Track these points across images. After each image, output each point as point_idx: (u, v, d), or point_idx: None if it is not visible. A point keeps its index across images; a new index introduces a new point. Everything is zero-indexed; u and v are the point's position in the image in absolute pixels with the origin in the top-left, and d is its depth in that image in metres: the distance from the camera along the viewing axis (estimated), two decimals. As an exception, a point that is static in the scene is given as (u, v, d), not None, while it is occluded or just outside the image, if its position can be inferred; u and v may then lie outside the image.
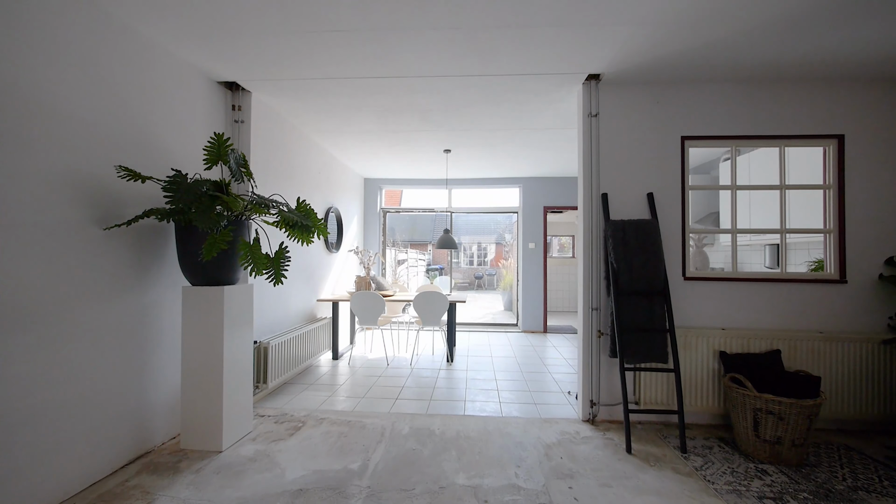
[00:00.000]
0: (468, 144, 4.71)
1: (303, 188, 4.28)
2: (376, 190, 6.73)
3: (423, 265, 15.21)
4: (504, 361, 4.70)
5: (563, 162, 5.53)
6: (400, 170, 6.13)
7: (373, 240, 6.70)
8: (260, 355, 3.28)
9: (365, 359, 4.79)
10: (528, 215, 6.56)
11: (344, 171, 5.70)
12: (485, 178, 6.60)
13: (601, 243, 2.97)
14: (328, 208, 4.99)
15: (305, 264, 4.37)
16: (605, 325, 2.97)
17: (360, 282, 4.85)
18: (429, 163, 5.63)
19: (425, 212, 6.94)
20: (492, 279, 17.92)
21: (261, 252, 2.33)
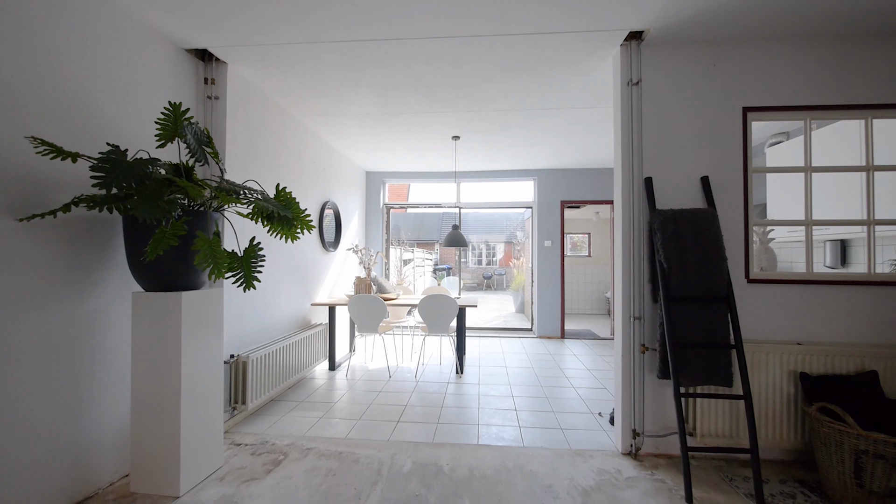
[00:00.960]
0: (479, 130, 4.20)
1: (294, 180, 3.80)
2: (379, 184, 6.25)
3: (430, 265, 14.72)
4: (520, 373, 4.18)
5: (584, 150, 4.98)
6: (404, 162, 5.64)
7: (375, 238, 6.22)
8: (237, 372, 2.81)
9: (365, 369, 4.31)
10: (544, 210, 6.02)
11: (343, 162, 5.23)
12: (496, 171, 6.08)
13: (644, 238, 2.45)
14: (324, 203, 4.51)
15: (297, 264, 3.90)
16: (651, 339, 2.44)
17: (359, 284, 4.37)
18: (436, 153, 5.13)
19: (432, 207, 6.44)
20: (501, 279, 17.39)
21: (221, 248, 1.84)
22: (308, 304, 4.13)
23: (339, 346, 4.68)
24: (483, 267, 18.38)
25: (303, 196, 3.99)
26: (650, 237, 2.42)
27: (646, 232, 2.45)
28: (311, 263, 4.21)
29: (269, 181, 3.31)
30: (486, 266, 18.71)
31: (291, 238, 2.37)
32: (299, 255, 3.94)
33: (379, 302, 3.96)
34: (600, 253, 8.99)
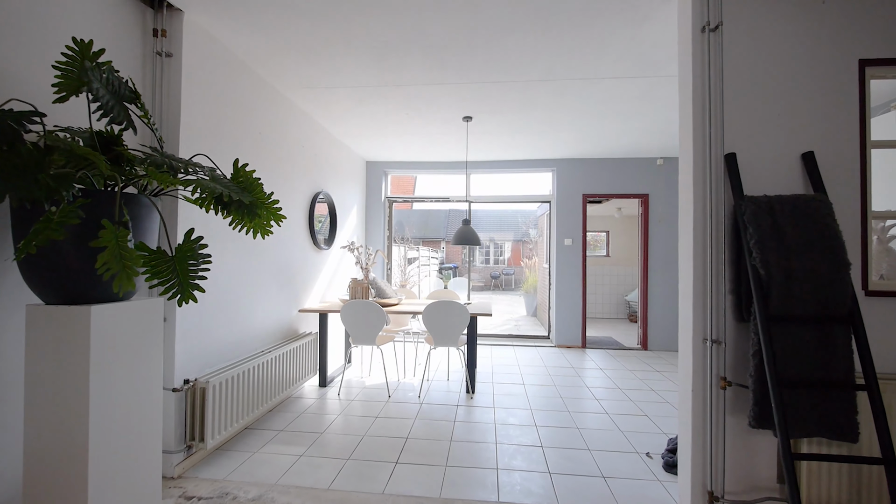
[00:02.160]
0: (495, 108, 3.59)
1: (276, 166, 3.23)
2: (381, 175, 5.66)
3: (436, 264, 14.14)
4: (541, 393, 3.58)
5: (613, 135, 4.35)
6: (409, 150, 5.05)
7: (376, 234, 5.63)
8: (194, 401, 2.23)
9: (361, 385, 3.73)
10: (564, 205, 5.40)
11: (340, 149, 4.64)
12: (511, 161, 5.46)
13: (725, 234, 1.83)
14: (315, 194, 3.93)
15: (282, 265, 3.32)
16: (735, 370, 1.83)
17: (355, 287, 3.78)
18: (444, 138, 4.52)
19: (439, 201, 5.84)
20: (510, 279, 16.78)
21: (128, 245, 1.26)
22: (295, 311, 3.56)
23: (332, 358, 4.11)
24: (490, 266, 17.78)
25: (287, 185, 3.41)
26: (734, 233, 1.81)
27: (727, 226, 1.83)
28: (299, 263, 3.64)
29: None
30: (493, 265, 18.11)
31: (262, 232, 1.80)
32: (284, 254, 3.37)
33: (376, 309, 3.37)
34: (620, 253, 8.34)
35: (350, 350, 4.04)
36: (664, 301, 5.22)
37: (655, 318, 5.24)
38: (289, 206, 3.42)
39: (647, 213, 5.26)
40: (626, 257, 8.32)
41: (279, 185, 3.26)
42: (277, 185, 3.23)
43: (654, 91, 3.17)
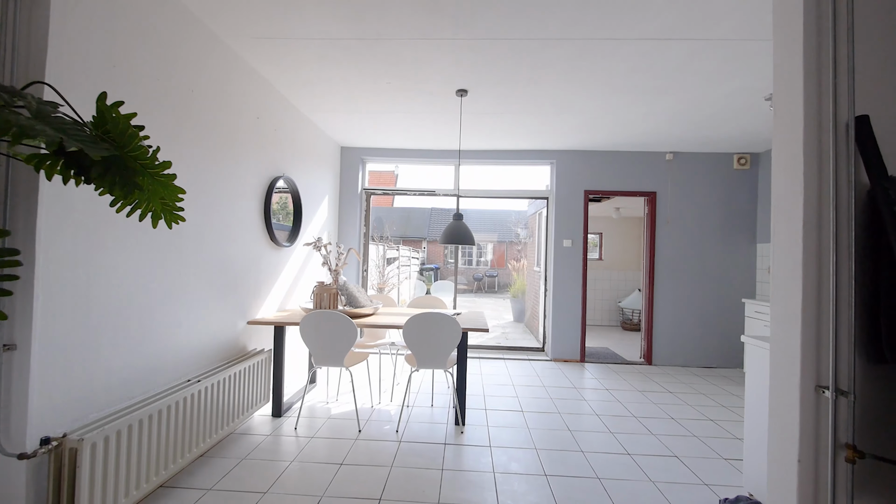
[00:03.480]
0: (497, 79, 2.96)
1: (219, 138, 2.51)
2: (357, 163, 4.95)
3: (417, 265, 13.45)
4: (544, 423, 2.98)
5: (625, 122, 3.80)
6: (389, 134, 4.37)
7: (350, 231, 4.92)
8: (57, 470, 1.50)
9: (326, 414, 3.04)
10: (563, 202, 4.83)
11: (308, 129, 3.92)
12: (505, 151, 4.86)
13: (853, 231, 1.25)
14: (274, 179, 3.21)
15: (222, 265, 2.60)
16: (870, 434, 1.25)
17: (320, 293, 3.08)
18: (431, 117, 3.87)
19: (423, 194, 5.18)
20: (493, 281, 16.25)
21: None
22: (242, 323, 2.84)
23: (292, 378, 3.40)
24: (473, 268, 17.21)
25: (232, 164, 2.69)
26: (869, 231, 1.23)
27: (860, 220, 1.25)
28: (249, 263, 2.91)
29: (162, 128, 2.01)
30: (476, 266, 17.55)
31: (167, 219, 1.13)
32: (229, 252, 2.64)
33: (345, 322, 2.69)
34: (613, 256, 7.88)
35: (314, 369, 3.34)
36: (672, 311, 4.72)
37: (662, 329, 4.73)
38: (235, 191, 2.70)
39: (654, 212, 4.75)
40: (621, 261, 7.86)
41: (220, 163, 2.54)
42: (217, 163, 2.51)
43: (693, 61, 2.60)
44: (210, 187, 2.45)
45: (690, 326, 4.71)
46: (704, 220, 4.71)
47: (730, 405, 3.48)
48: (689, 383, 4.06)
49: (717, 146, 4.51)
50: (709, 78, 2.82)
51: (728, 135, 4.11)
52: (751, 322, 3.95)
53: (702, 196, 4.71)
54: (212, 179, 2.46)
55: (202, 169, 2.36)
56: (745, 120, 3.66)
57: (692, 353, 4.71)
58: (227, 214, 2.63)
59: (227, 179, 2.62)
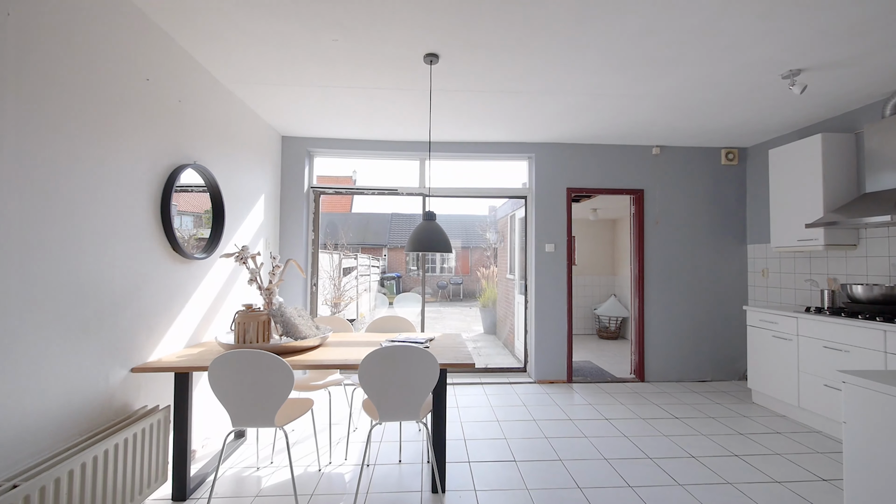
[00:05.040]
0: (476, 41, 2.31)
1: (94, 111, 1.65)
2: (302, 157, 4.13)
3: (378, 273, 12.56)
4: (547, 478, 2.32)
5: (625, 103, 3.28)
6: (342, 121, 3.60)
7: (295, 237, 4.07)
8: None
9: (255, 489, 2.20)
10: (544, 201, 4.27)
11: (232, 107, 3.07)
12: (477, 144, 4.23)
13: None
14: (178, 168, 2.35)
15: (85, 288, 1.73)
16: None
17: (244, 322, 2.26)
18: (394, 97, 3.15)
19: (383, 193, 4.42)
20: (458, 289, 15.64)
21: None
22: (123, 372, 1.96)
23: (209, 431, 2.53)
24: (437, 275, 16.53)
25: (107, 143, 1.83)
26: None
27: None
28: (134, 284, 2.04)
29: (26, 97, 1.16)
30: (440, 274, 16.88)
31: None
32: (97, 268, 1.78)
33: (275, 368, 1.89)
34: (587, 260, 7.49)
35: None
36: (664, 321, 4.28)
37: (654, 341, 4.27)
38: (113, 183, 1.85)
39: (642, 212, 4.30)
40: (595, 265, 7.49)
41: (87, 143, 1.68)
42: (80, 142, 1.65)
43: (722, 19, 2.09)
44: (64, 177, 1.59)
45: (683, 337, 4.29)
46: (693, 219, 4.32)
47: (747, 432, 3.00)
48: (691, 404, 3.59)
49: (705, 139, 4.14)
50: (730, 45, 2.32)
51: (718, 126, 3.73)
52: (755, 332, 3.55)
53: (690, 194, 4.33)
54: (69, 165, 1.61)
55: (51, 149, 1.51)
56: (741, 107, 3.26)
57: (686, 366, 4.28)
58: (98, 215, 1.77)
59: (98, 166, 1.77)
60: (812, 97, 3.08)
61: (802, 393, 3.12)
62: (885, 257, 3.06)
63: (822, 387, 2.96)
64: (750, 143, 4.28)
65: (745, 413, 3.39)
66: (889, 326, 2.54)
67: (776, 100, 3.12)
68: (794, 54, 2.43)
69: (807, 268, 3.68)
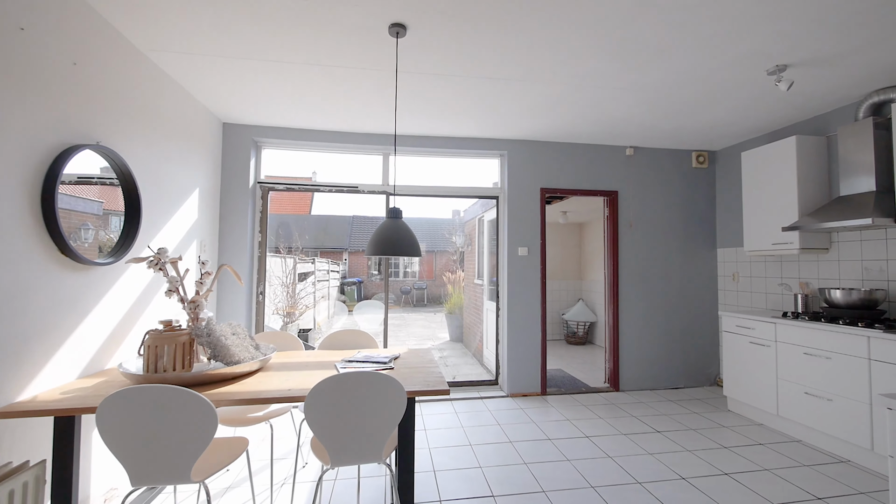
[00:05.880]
0: (450, 10, 1.98)
1: None
2: (248, 147, 3.62)
3: (337, 279, 11.92)
4: (532, 520, 2.01)
5: (605, 96, 3.08)
6: (294, 103, 3.15)
7: (237, 239, 3.55)
8: None
9: (167, 561, 1.72)
10: (517, 202, 4.01)
11: (154, 82, 2.55)
12: (445, 139, 3.91)
13: None
14: (68, 149, 1.83)
15: None
16: None
17: (156, 346, 1.77)
18: (355, 74, 2.76)
19: (342, 190, 3.97)
20: (422, 294, 15.24)
21: None
22: (-30, 421, 1.43)
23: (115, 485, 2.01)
24: (401, 280, 16.04)
25: None
26: None
27: None
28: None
29: None
30: (403, 279, 16.41)
31: None
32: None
33: (192, 405, 1.44)
34: (554, 264, 7.36)
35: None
36: (638, 327, 4.13)
37: (628, 348, 4.11)
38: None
39: (616, 214, 4.14)
40: (562, 269, 7.38)
41: None
42: None
43: None
44: None
45: (657, 343, 4.16)
46: (666, 223, 4.23)
47: (731, 446, 2.85)
48: (669, 415, 3.43)
49: (677, 141, 4.06)
50: (724, 31, 2.14)
51: (692, 127, 3.64)
52: (731, 338, 3.45)
53: (662, 196, 4.23)
54: None
55: None
56: (720, 106, 3.16)
57: (659, 373, 4.15)
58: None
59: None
60: (786, 99, 3.02)
61: (781, 401, 3.03)
62: (858, 261, 3.04)
63: (803, 395, 2.87)
64: (719, 147, 4.25)
65: (724, 423, 3.26)
66: (872, 332, 2.46)
67: (754, 99, 3.03)
68: (785, 46, 2.29)
69: (778, 272, 3.65)
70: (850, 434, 2.58)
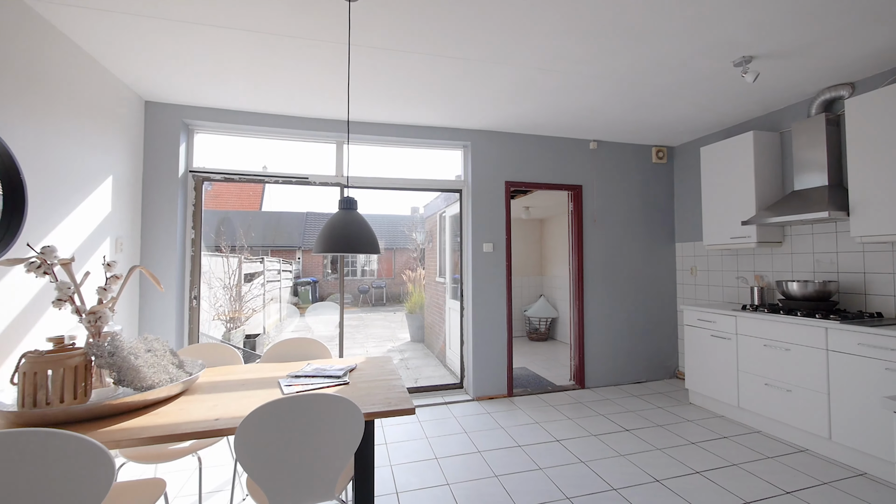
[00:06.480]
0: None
1: None
2: (176, 130, 3.14)
3: (290, 279, 11.24)
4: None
5: (575, 84, 2.94)
6: (230, 77, 2.74)
7: (163, 236, 3.07)
8: None
9: None
10: (482, 196, 3.82)
11: (55, 49, 2.07)
12: (405, 127, 3.64)
13: None
14: None
15: None
16: None
17: (35, 372, 1.37)
18: (300, 45, 2.42)
19: (290, 181, 3.57)
20: (380, 293, 14.81)
21: None
22: None
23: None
24: (358, 279, 15.50)
25: None
26: None
27: None
28: None
29: None
30: (361, 278, 15.87)
31: None
32: None
33: (77, 453, 1.09)
34: (517, 260, 7.29)
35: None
36: (604, 322, 4.09)
37: (594, 345, 4.06)
38: None
39: (581, 209, 4.07)
40: (524, 265, 7.33)
41: None
42: None
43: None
44: None
45: (621, 338, 4.15)
46: (628, 217, 4.22)
47: (697, 441, 2.83)
48: (636, 411, 3.39)
49: (639, 136, 4.05)
50: (704, 16, 2.04)
51: (655, 122, 3.62)
52: (692, 332, 3.47)
53: (625, 191, 4.22)
54: None
55: None
56: (685, 100, 3.14)
57: (623, 368, 4.15)
58: None
59: None
60: (746, 94, 3.04)
61: (742, 393, 3.06)
62: (810, 254, 3.13)
63: (763, 386, 2.91)
64: (677, 143, 4.30)
65: (687, 416, 3.27)
66: (830, 324, 2.51)
67: (717, 93, 3.02)
68: (755, 36, 2.25)
69: (734, 265, 3.73)
70: (809, 424, 2.62)
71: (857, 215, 2.57)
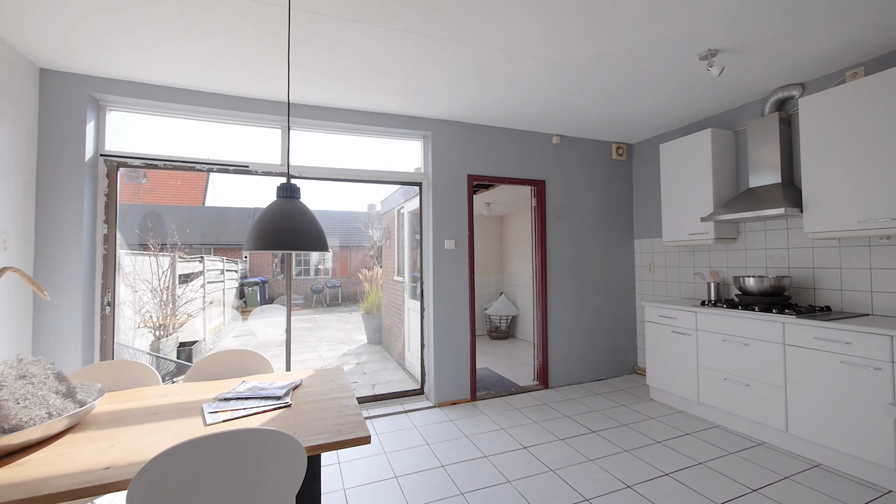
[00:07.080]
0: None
1: None
2: (83, 105, 2.63)
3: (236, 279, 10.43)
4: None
5: (542, 71, 2.78)
6: (155, 49, 2.32)
7: (68, 235, 2.57)
8: None
9: None
10: (443, 190, 3.61)
11: None
12: (358, 113, 3.33)
13: None
14: None
15: None
16: None
17: None
18: (234, 11, 2.06)
19: (228, 169, 3.14)
20: (335, 292, 14.21)
21: None
22: None
23: None
24: (312, 278, 14.77)
25: None
26: None
27: None
28: None
29: None
30: (315, 277, 15.15)
31: None
32: None
33: None
34: (476, 258, 7.16)
35: None
36: (567, 320, 4.03)
37: (557, 343, 3.98)
38: None
39: (544, 204, 3.97)
40: (484, 263, 7.21)
41: None
42: None
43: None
44: None
45: (583, 336, 4.11)
46: (590, 214, 4.19)
47: (663, 440, 2.80)
48: (600, 411, 3.33)
49: (600, 133, 4.02)
50: (680, 1, 1.96)
51: (617, 117, 3.59)
52: (653, 328, 3.47)
53: (588, 188, 4.17)
54: None
55: None
56: (650, 94, 3.10)
57: (585, 366, 4.11)
58: None
59: None
60: (706, 91, 3.05)
61: (702, 388, 3.08)
62: (762, 250, 3.21)
63: (722, 381, 2.93)
64: (636, 140, 4.32)
65: (650, 413, 3.25)
66: (787, 318, 2.54)
67: (679, 88, 3.00)
68: (724, 27, 2.20)
69: (691, 261, 3.79)
70: (767, 417, 2.66)
71: (810, 212, 2.63)
